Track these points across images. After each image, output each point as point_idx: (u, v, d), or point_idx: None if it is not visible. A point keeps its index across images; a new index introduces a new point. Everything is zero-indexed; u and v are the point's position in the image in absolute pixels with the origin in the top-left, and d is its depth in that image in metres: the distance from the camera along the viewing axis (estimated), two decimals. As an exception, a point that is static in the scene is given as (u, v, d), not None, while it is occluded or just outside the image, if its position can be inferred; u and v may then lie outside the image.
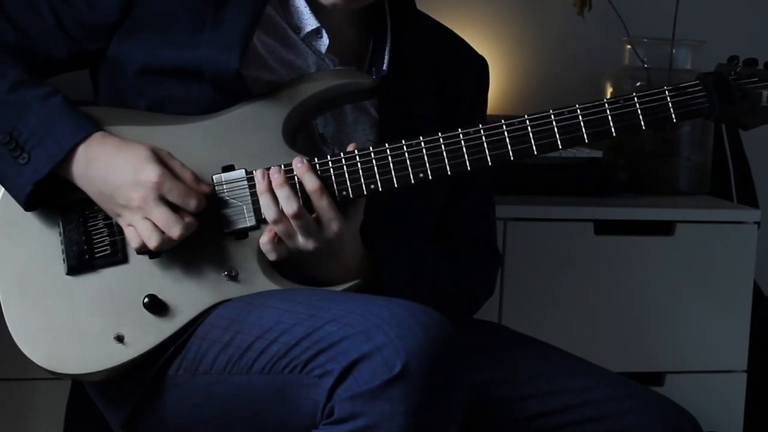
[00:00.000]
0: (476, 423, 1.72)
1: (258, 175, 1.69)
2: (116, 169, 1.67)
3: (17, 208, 1.71)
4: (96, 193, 1.69)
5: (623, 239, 2.45)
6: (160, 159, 1.67)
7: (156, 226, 1.65)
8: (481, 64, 1.96)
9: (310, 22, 1.80)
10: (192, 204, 1.66)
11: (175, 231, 1.65)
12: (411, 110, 1.84)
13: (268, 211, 1.68)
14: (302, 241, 1.68)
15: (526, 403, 1.74)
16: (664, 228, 2.48)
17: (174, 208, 1.66)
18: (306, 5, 1.80)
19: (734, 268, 2.49)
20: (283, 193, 1.68)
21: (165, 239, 1.66)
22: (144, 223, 1.66)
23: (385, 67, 1.82)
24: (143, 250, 1.68)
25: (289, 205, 1.67)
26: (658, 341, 2.48)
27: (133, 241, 1.67)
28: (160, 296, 1.68)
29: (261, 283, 1.70)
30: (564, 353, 1.83)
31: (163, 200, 1.65)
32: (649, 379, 2.46)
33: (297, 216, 1.67)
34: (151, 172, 1.66)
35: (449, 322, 1.54)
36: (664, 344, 2.48)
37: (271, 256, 1.70)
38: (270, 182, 1.68)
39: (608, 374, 1.78)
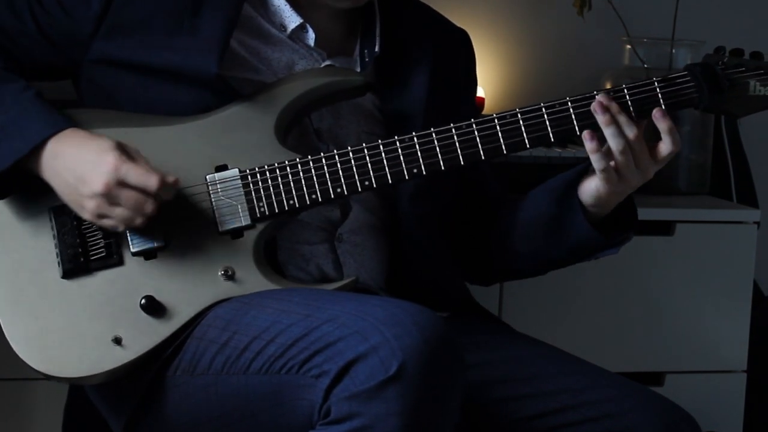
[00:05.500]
0: (475, 423, 1.72)
1: (597, 108, 1.71)
2: (81, 159, 1.66)
3: (8, 213, 1.71)
4: (62, 186, 1.68)
5: (623, 239, 2.45)
6: (124, 150, 1.67)
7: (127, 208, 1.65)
8: (465, 36, 1.98)
9: (293, 19, 1.81)
10: (152, 182, 1.64)
11: (148, 207, 1.64)
12: (410, 88, 1.85)
13: (617, 141, 1.70)
14: (644, 169, 1.73)
15: (525, 402, 1.74)
16: (664, 228, 2.48)
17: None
18: (286, 3, 1.81)
19: (734, 268, 2.49)
20: (623, 119, 1.71)
21: (142, 217, 1.65)
22: (115, 208, 1.65)
23: (377, 48, 1.83)
24: (138, 248, 1.68)
25: (630, 129, 1.70)
26: (658, 341, 2.48)
27: (119, 224, 1.66)
28: (157, 297, 1.68)
29: (258, 282, 1.70)
30: (564, 353, 1.83)
31: (124, 184, 1.64)
32: (649, 379, 2.46)
33: (638, 139, 1.70)
34: (109, 158, 1.65)
35: (444, 321, 1.54)
36: (664, 344, 2.48)
37: (606, 189, 1.73)
38: (611, 114, 1.70)
39: (608, 374, 1.78)
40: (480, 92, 2.67)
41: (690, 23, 2.71)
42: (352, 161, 1.71)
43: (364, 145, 1.72)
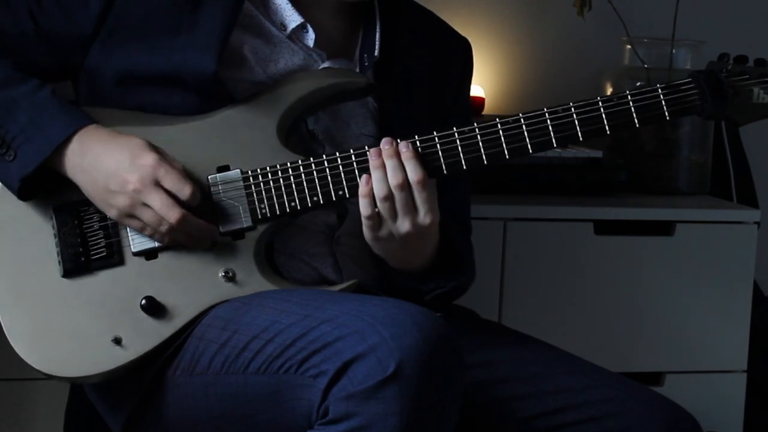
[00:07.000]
0: (476, 423, 1.72)
1: (372, 153, 1.68)
2: (111, 155, 1.67)
3: (9, 211, 1.71)
4: (89, 183, 1.68)
5: (623, 239, 2.45)
6: (155, 148, 1.68)
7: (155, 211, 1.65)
8: (466, 46, 1.97)
9: (293, 18, 1.80)
10: (186, 191, 1.66)
11: (173, 214, 1.65)
12: (408, 94, 1.85)
13: (380, 186, 1.66)
14: (399, 221, 1.67)
15: (526, 402, 1.74)
16: (664, 228, 2.48)
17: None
18: (287, 1, 1.80)
19: (734, 268, 2.49)
20: (392, 164, 1.67)
21: (167, 224, 1.65)
22: (145, 210, 1.65)
23: (377, 53, 1.83)
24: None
25: (395, 177, 1.66)
26: (658, 341, 2.48)
27: (147, 227, 1.66)
28: (157, 298, 1.68)
29: (258, 283, 1.70)
30: (564, 353, 1.83)
31: (159, 185, 1.65)
32: (649, 379, 2.46)
33: (401, 187, 1.66)
34: (148, 157, 1.66)
35: (444, 322, 1.54)
36: (664, 344, 2.48)
37: (368, 235, 1.69)
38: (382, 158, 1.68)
39: (608, 374, 1.78)
40: (480, 92, 2.67)
41: (690, 23, 2.71)
42: (354, 164, 1.71)
43: (366, 147, 1.71)
